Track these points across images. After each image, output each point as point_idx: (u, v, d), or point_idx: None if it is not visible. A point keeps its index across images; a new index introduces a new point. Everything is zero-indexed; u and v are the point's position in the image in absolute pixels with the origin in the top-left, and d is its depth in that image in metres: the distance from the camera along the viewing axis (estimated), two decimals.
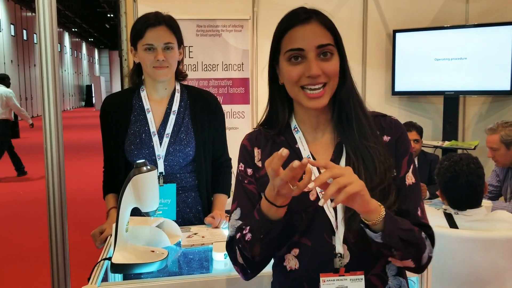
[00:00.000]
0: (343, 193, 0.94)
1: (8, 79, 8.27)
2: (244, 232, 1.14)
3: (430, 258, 1.13)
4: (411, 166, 1.17)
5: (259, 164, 1.22)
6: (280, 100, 1.21)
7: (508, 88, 4.07)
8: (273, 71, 1.20)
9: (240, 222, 1.18)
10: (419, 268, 1.13)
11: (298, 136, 1.20)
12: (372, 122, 1.17)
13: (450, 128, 4.30)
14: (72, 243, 1.56)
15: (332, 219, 1.12)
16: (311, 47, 1.10)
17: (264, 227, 1.09)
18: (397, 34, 4.43)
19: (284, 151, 0.97)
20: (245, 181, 1.22)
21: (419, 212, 1.15)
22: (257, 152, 1.23)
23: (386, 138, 1.17)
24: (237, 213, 1.20)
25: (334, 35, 1.13)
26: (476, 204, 2.08)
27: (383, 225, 1.02)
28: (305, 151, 1.17)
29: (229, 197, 2.02)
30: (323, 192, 1.07)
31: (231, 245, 1.20)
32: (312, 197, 1.03)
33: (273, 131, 1.22)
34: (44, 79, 1.17)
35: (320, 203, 0.95)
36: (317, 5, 1.17)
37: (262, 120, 1.26)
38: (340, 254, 1.12)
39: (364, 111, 1.18)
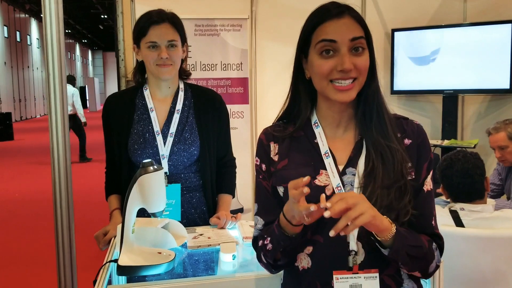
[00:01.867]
0: (352, 226, 0.98)
1: (74, 79, 9.52)
2: (265, 242, 1.17)
3: (437, 266, 1.16)
4: (430, 172, 1.18)
5: (276, 158, 1.21)
6: (304, 94, 1.20)
7: (507, 87, 4.07)
8: (299, 65, 1.19)
9: (259, 219, 1.22)
10: (426, 276, 1.16)
11: (318, 131, 1.19)
12: (394, 122, 1.17)
13: (449, 127, 4.29)
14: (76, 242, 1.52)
15: None
16: (344, 40, 1.09)
17: (283, 241, 1.12)
18: (396, 33, 4.42)
19: (305, 189, 0.98)
20: (260, 176, 1.24)
21: (433, 222, 1.17)
22: (273, 146, 1.22)
23: (407, 141, 1.16)
24: (256, 208, 1.24)
25: (365, 30, 1.13)
26: (476, 195, 2.07)
27: (392, 242, 1.05)
28: (323, 147, 1.17)
29: (233, 197, 1.99)
30: (338, 188, 1.11)
31: (256, 244, 1.23)
32: (328, 192, 1.10)
33: (291, 127, 1.21)
34: (51, 80, 1.14)
35: (331, 234, 0.98)
36: (314, 6, 1.15)
37: (281, 113, 1.25)
38: (354, 251, 1.10)
39: (387, 111, 1.18)
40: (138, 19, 1.82)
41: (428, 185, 1.17)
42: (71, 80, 9.31)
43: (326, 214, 0.96)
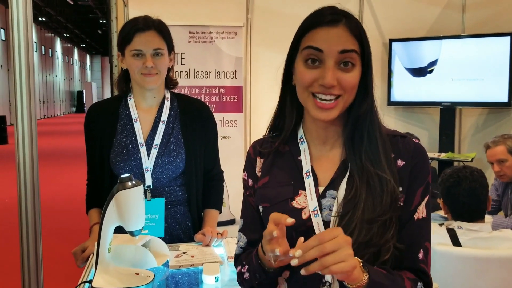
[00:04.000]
0: (327, 270, 0.85)
1: None
2: (243, 270, 1.09)
3: None
4: (425, 199, 1.04)
5: (259, 174, 1.13)
6: (290, 103, 1.09)
7: (506, 100, 4.01)
8: (288, 70, 1.09)
9: (243, 237, 1.14)
10: None
11: (303, 147, 1.09)
12: (388, 145, 1.04)
13: (447, 140, 4.22)
14: (52, 255, 1.43)
15: None
16: (332, 51, 0.98)
17: (259, 274, 1.03)
18: (393, 44, 4.36)
19: (275, 232, 0.89)
20: (247, 192, 1.16)
21: (420, 254, 1.01)
22: (259, 162, 1.14)
23: (400, 162, 1.03)
24: (241, 223, 1.17)
25: (361, 44, 1.01)
26: (479, 215, 2.00)
27: None
28: (306, 165, 1.07)
29: (220, 212, 1.91)
30: (315, 212, 1.00)
31: (237, 264, 1.15)
32: (304, 215, 1.02)
33: (278, 140, 1.12)
34: (17, 84, 1.06)
35: (302, 272, 0.86)
36: (310, 12, 1.06)
37: (270, 125, 1.16)
38: (329, 282, 1.01)
39: (381, 133, 1.04)
40: (123, 25, 1.74)
41: (421, 213, 1.03)
42: None
43: (293, 262, 0.85)
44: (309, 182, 1.04)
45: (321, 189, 1.04)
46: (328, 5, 1.04)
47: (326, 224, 1.00)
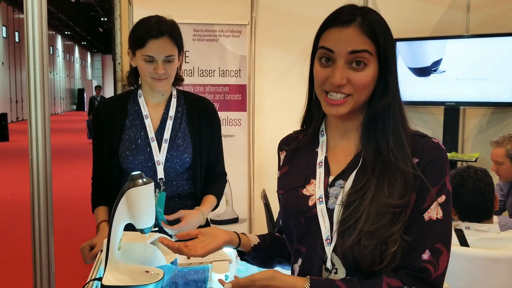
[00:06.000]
0: None
1: None
2: None
3: None
4: (441, 199, 1.02)
5: (282, 166, 1.22)
6: (316, 99, 1.13)
7: (510, 100, 4.00)
8: (312, 68, 1.12)
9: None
10: None
11: (322, 140, 1.14)
12: (410, 142, 1.05)
13: (450, 140, 4.22)
14: (57, 251, 1.43)
15: (324, 230, 1.05)
16: (342, 52, 1.02)
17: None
18: (397, 43, 4.35)
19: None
20: None
21: (425, 255, 0.99)
22: (282, 156, 1.22)
23: (415, 160, 1.03)
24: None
25: (376, 43, 1.02)
26: (486, 215, 1.99)
27: None
28: (321, 156, 1.12)
29: (218, 201, 1.90)
30: (320, 200, 1.06)
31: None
32: (310, 202, 1.08)
33: (303, 135, 1.18)
34: (32, 81, 1.06)
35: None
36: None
37: (302, 121, 1.21)
38: (329, 268, 1.05)
39: (405, 129, 1.06)
40: (135, 25, 1.72)
41: (433, 213, 1.01)
42: None
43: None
44: (320, 171, 1.10)
45: (331, 178, 1.09)
46: (347, 4, 1.07)
47: (330, 212, 1.05)
